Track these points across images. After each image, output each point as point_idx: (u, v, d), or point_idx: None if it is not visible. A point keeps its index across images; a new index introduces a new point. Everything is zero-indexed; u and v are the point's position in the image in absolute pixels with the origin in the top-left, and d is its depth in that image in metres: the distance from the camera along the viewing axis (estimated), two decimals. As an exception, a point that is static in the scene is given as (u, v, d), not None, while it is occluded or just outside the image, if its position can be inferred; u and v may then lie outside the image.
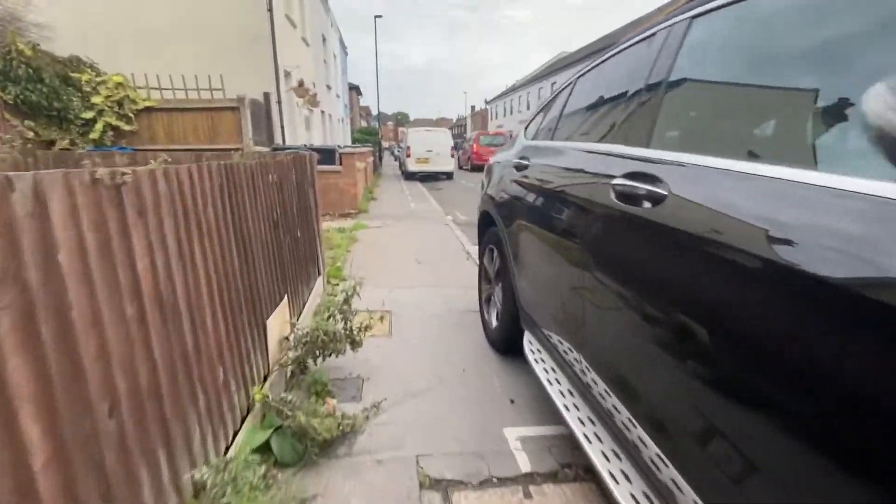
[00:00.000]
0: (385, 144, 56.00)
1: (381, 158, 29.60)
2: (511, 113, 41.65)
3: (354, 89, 34.43)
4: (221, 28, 8.66)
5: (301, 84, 9.43)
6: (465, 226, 7.43)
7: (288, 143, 9.66)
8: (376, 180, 15.36)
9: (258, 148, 7.67)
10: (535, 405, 2.18)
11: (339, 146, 9.01)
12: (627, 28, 26.09)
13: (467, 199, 10.89)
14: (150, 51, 8.60)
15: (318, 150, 7.85)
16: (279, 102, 8.92)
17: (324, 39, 16.85)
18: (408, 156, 15.94)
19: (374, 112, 62.85)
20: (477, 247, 3.54)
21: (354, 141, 27.50)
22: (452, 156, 16.24)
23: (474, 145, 20.54)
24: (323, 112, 16.06)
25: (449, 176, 17.02)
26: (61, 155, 4.89)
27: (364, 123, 49.15)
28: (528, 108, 36.16)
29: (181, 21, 8.70)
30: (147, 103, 7.48)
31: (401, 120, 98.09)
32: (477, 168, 18.66)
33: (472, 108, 75.53)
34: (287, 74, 9.86)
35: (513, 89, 41.44)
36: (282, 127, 9.05)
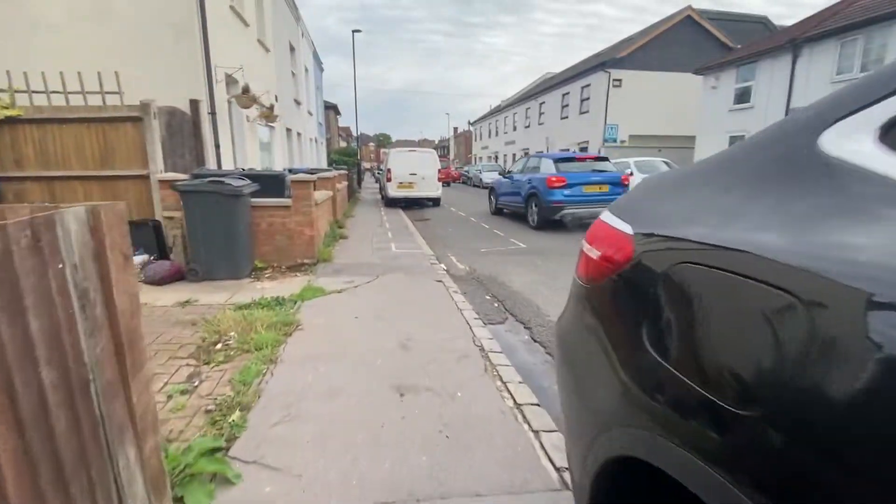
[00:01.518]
0: (367, 165, 54.19)
1: (360, 181, 27.51)
2: (496, 134, 40.30)
3: (332, 108, 32.53)
4: (136, 17, 6.47)
5: (246, 91, 7.28)
6: (467, 281, 5.24)
7: (230, 166, 7.42)
8: (351, 208, 13.15)
9: (173, 175, 5.41)
10: None
11: (290, 171, 6.79)
12: (607, 51, 24.99)
13: (461, 233, 8.74)
14: (45, 47, 6.36)
15: (255, 178, 5.67)
16: (212, 113, 6.72)
17: (292, 49, 14.84)
18: (388, 179, 13.83)
19: (355, 132, 61.18)
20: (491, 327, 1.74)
21: (332, 163, 25.39)
22: (440, 180, 14.21)
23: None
24: (290, 130, 13.90)
25: (436, 202, 14.94)
26: None
27: (344, 144, 47.18)
28: (514, 129, 34.81)
29: (81, 8, 6.49)
30: (7, 112, 5.18)
31: (382, 141, 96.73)
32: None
33: (455, 129, 74.64)
34: (231, 80, 7.69)
35: (498, 110, 40.21)
36: (216, 146, 6.83)
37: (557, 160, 9.57)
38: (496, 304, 4.47)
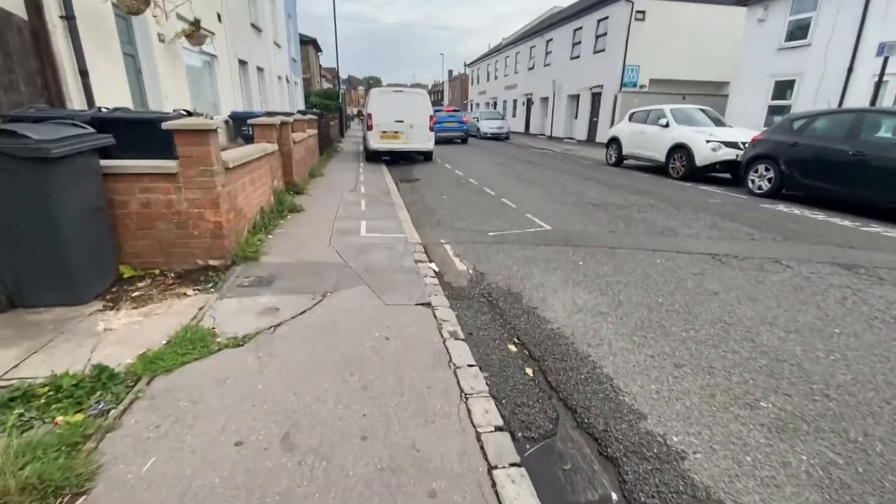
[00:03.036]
0: (354, 112, 50.23)
1: (343, 129, 24.61)
2: (495, 77, 36.65)
3: (310, 44, 28.74)
4: None
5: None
6: (471, 302, 3.12)
7: (108, 105, 5.03)
8: (324, 164, 10.76)
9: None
10: None
11: (236, 116, 4.47)
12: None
13: (460, 204, 6.51)
14: None
15: (122, 124, 3.38)
16: (68, 18, 4.25)
17: (246, -44, 11.71)
18: (369, 127, 11.33)
19: (339, 71, 56.05)
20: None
21: (312, 107, 22.33)
22: (431, 129, 11.73)
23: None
24: (244, 63, 11.15)
25: (427, 157, 12.53)
26: None
27: (329, 87, 43.09)
28: (516, 71, 31.35)
29: None
30: None
31: (373, 85, 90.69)
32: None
33: (450, 72, 69.50)
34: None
35: (498, 50, 36.25)
36: (82, 72, 4.42)
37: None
38: (528, 374, 2.43)
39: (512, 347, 2.68)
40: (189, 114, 3.89)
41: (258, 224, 4.45)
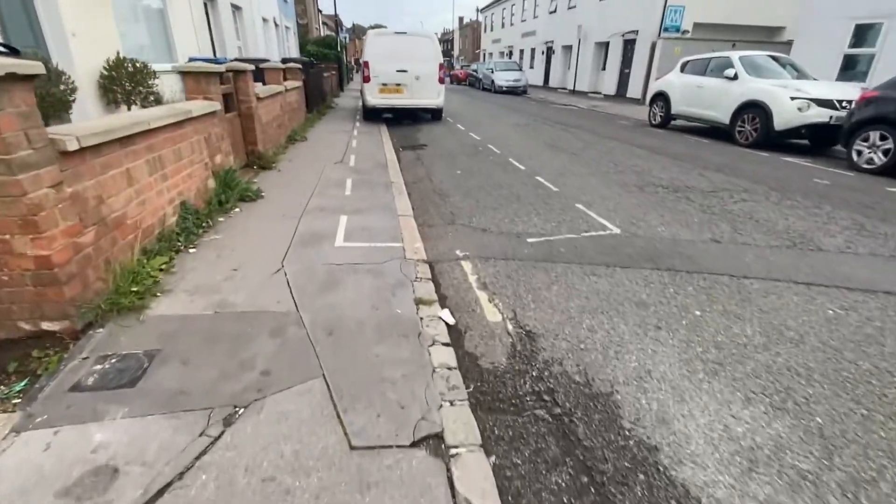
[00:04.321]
0: (354, 60, 46.95)
1: (342, 82, 22.31)
2: (511, 24, 33.23)
3: (306, -17, 25.71)
4: None
5: None
6: (527, 433, 1.44)
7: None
8: (310, 124, 8.93)
9: None
10: None
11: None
12: None
13: (481, 186, 4.72)
14: None
15: None
16: None
17: None
18: (366, 79, 9.37)
19: (346, 22, 51.67)
20: None
21: (310, 56, 19.97)
22: (441, 80, 9.72)
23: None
24: (211, 0, 9.08)
25: (436, 115, 10.59)
26: None
27: (329, 35, 39.72)
28: (535, 16, 28.11)
29: None
30: None
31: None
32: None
33: (461, 20, 64.51)
34: None
35: (515, -10, 32.58)
36: None
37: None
38: None
39: None
40: (8, 51, 2.18)
41: (168, 235, 2.82)
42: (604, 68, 20.48)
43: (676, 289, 2.68)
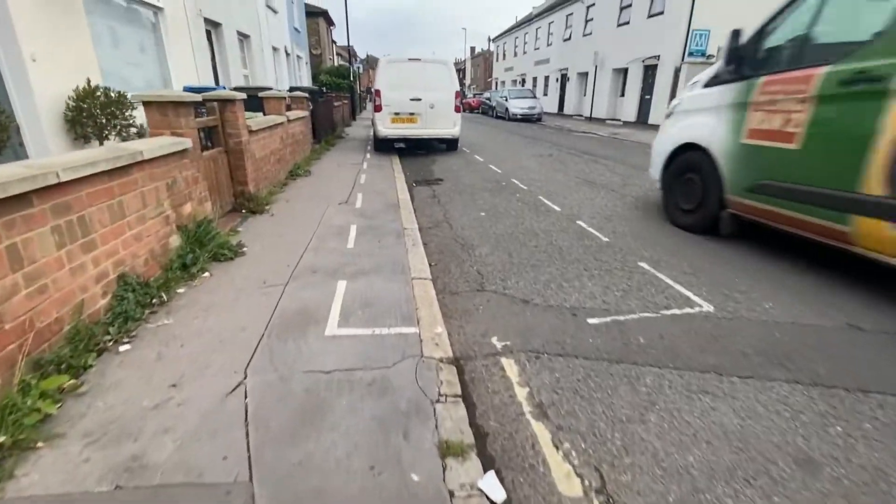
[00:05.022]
0: (366, 88, 47.50)
1: (355, 111, 22.08)
2: (524, 52, 33.17)
3: (320, 16, 25.97)
4: None
5: None
6: None
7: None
8: (316, 156, 8.27)
9: None
10: None
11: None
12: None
13: (513, 237, 3.78)
14: None
15: None
16: None
17: None
18: (377, 108, 8.75)
19: (360, 53, 52.56)
20: None
21: (322, 86, 19.76)
22: (458, 109, 9.06)
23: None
24: (217, 25, 8.64)
25: (451, 145, 9.90)
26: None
27: (342, 64, 40.22)
28: (549, 43, 27.92)
29: None
30: None
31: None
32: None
33: (472, 49, 65.52)
34: None
35: (528, 20, 32.63)
36: None
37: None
38: None
39: None
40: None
41: (86, 331, 1.98)
42: (622, 94, 19.88)
43: (847, 426, 1.74)
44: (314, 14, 24.73)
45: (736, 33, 3.64)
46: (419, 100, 8.65)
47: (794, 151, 3.00)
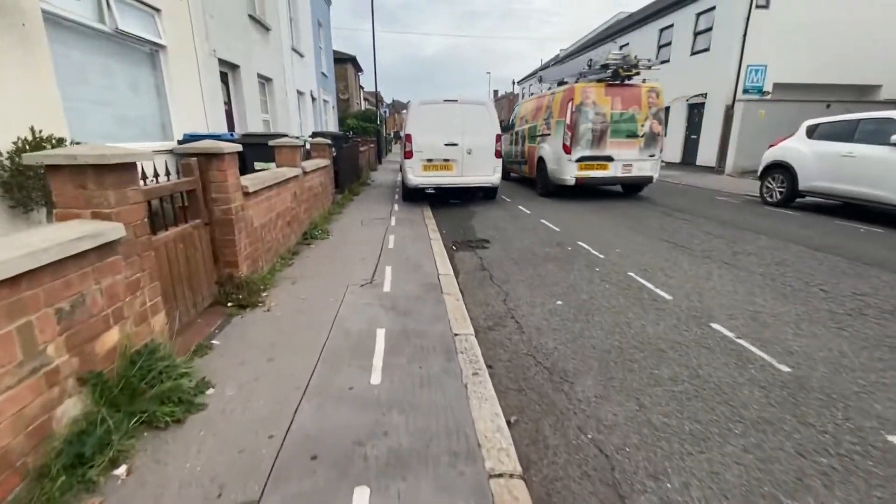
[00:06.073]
0: (393, 132, 47.97)
1: (381, 155, 21.55)
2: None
3: (349, 62, 26.16)
4: None
5: None
6: None
7: None
8: (338, 209, 7.18)
9: None
10: None
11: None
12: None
13: (607, 320, 2.33)
14: None
15: None
16: None
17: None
18: (408, 155, 7.70)
19: (386, 98, 53.67)
20: None
21: (348, 129, 19.34)
22: (499, 154, 7.94)
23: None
24: (234, 67, 7.91)
25: (489, 193, 8.71)
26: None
27: (369, 108, 40.74)
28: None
29: None
30: None
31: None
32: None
33: (496, 92, 66.41)
34: None
35: (557, 61, 32.40)
36: None
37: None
38: None
39: None
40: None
41: None
42: (665, 134, 18.64)
43: None
44: (342, 60, 24.89)
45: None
46: (455, 145, 7.57)
47: None
